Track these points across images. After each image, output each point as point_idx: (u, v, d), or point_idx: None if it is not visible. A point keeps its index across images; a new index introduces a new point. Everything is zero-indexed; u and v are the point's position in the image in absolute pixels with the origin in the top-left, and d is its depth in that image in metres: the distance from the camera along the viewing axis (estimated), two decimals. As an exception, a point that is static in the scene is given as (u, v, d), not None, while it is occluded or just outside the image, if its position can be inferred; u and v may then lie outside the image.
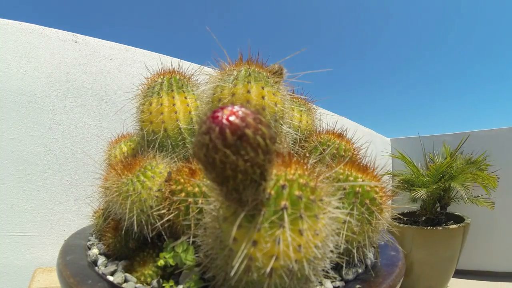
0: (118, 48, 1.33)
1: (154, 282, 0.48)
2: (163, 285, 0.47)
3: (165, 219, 0.49)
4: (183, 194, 0.48)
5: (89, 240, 0.66)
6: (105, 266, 0.54)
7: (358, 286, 0.45)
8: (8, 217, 1.01)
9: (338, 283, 0.47)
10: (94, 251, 0.59)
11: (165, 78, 0.66)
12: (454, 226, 1.94)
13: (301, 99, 0.77)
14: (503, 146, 2.45)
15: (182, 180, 0.50)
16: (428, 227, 1.94)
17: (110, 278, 0.49)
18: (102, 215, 0.65)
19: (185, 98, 0.65)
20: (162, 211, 0.50)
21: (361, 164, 0.53)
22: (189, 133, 0.63)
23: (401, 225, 2.01)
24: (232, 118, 0.25)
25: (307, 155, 0.67)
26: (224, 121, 0.25)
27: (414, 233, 1.96)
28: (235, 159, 0.25)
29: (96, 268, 0.53)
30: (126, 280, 0.49)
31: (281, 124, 0.57)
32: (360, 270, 0.51)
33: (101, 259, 0.56)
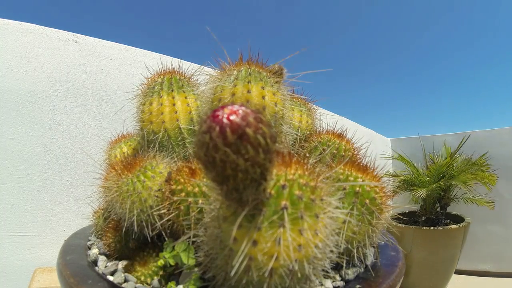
0: (118, 48, 1.33)
1: (154, 282, 0.48)
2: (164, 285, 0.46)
3: (165, 219, 0.49)
4: (183, 194, 0.48)
5: (89, 240, 0.66)
6: (105, 266, 0.54)
7: (358, 286, 0.45)
8: (8, 217, 1.01)
9: (338, 283, 0.47)
10: (94, 251, 0.59)
11: (165, 78, 0.66)
12: (454, 226, 1.94)
13: (301, 99, 0.77)
14: (503, 146, 2.45)
15: (182, 180, 0.50)
16: (428, 227, 1.94)
17: (110, 278, 0.49)
18: (102, 215, 0.65)
19: (186, 98, 0.65)
20: (162, 211, 0.50)
21: (361, 164, 0.53)
22: (189, 133, 0.63)
23: (401, 225, 2.01)
24: (232, 117, 0.25)
25: (307, 155, 0.67)
26: (225, 120, 0.25)
27: (414, 233, 1.96)
28: (236, 158, 0.25)
29: (96, 268, 0.53)
30: (126, 280, 0.49)
31: (281, 124, 0.57)
32: (360, 270, 0.51)
33: (101, 259, 0.56)
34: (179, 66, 0.71)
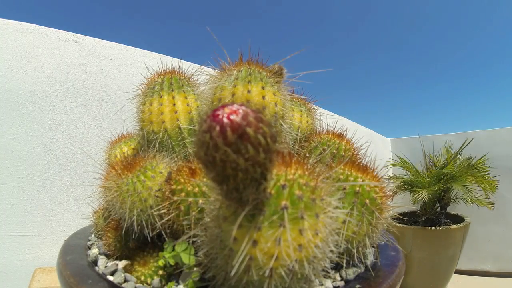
0: (118, 48, 1.33)
1: (154, 282, 0.48)
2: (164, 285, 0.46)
3: (165, 219, 0.49)
4: (183, 194, 0.48)
5: (89, 240, 0.66)
6: (105, 266, 0.54)
7: (358, 286, 0.45)
8: (8, 217, 1.01)
9: (338, 283, 0.47)
10: (94, 251, 0.59)
11: (165, 78, 0.66)
12: (454, 226, 1.94)
13: (301, 99, 0.77)
14: (504, 146, 2.45)
15: (182, 180, 0.50)
16: (428, 227, 1.94)
17: (110, 278, 0.49)
18: (102, 215, 0.65)
19: (186, 98, 0.65)
20: (162, 211, 0.50)
21: (361, 164, 0.53)
22: (189, 133, 0.63)
23: (401, 225, 2.01)
24: (233, 117, 0.25)
25: (307, 155, 0.67)
26: (225, 119, 0.25)
27: (414, 233, 1.96)
28: (236, 157, 0.25)
29: (96, 268, 0.53)
30: (126, 280, 0.49)
31: (281, 124, 0.57)
32: (360, 270, 0.51)
33: (101, 259, 0.56)
34: (179, 66, 0.71)
